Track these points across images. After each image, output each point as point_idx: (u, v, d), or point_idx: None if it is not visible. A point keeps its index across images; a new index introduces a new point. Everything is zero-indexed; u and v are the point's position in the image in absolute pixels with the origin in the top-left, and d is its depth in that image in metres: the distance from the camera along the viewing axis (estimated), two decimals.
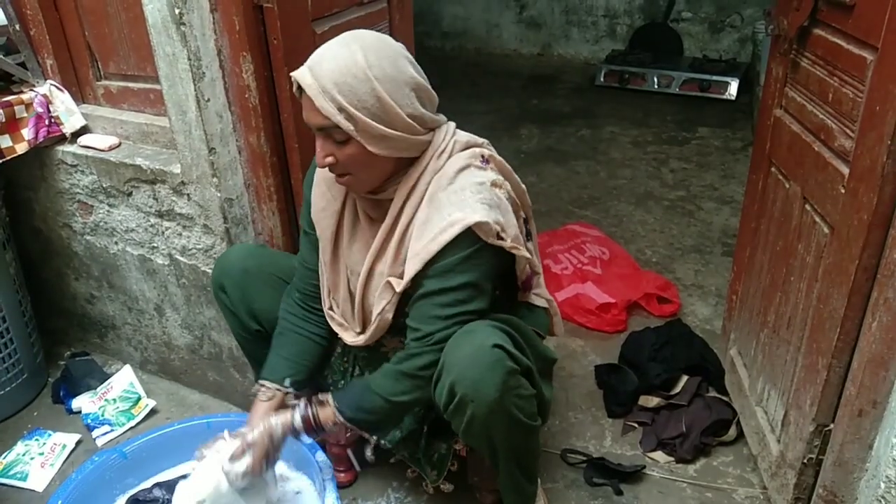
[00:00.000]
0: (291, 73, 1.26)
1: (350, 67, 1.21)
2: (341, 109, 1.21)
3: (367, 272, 1.41)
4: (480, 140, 1.40)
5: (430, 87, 1.30)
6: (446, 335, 1.27)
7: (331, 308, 1.53)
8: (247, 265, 1.57)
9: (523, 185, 1.44)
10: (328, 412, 1.34)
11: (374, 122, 1.22)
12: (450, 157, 1.33)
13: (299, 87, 1.26)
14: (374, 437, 1.38)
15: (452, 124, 1.38)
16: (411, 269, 1.29)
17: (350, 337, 1.50)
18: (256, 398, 1.48)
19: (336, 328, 1.52)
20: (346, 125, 1.22)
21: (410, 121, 1.26)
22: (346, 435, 1.36)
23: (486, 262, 1.29)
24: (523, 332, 1.39)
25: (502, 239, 1.28)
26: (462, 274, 1.27)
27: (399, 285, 1.33)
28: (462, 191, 1.28)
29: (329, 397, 1.36)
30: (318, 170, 1.47)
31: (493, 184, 1.31)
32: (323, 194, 1.45)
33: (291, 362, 1.51)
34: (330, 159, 1.28)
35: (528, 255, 1.37)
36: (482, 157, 1.35)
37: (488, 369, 1.23)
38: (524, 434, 1.36)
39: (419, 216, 1.31)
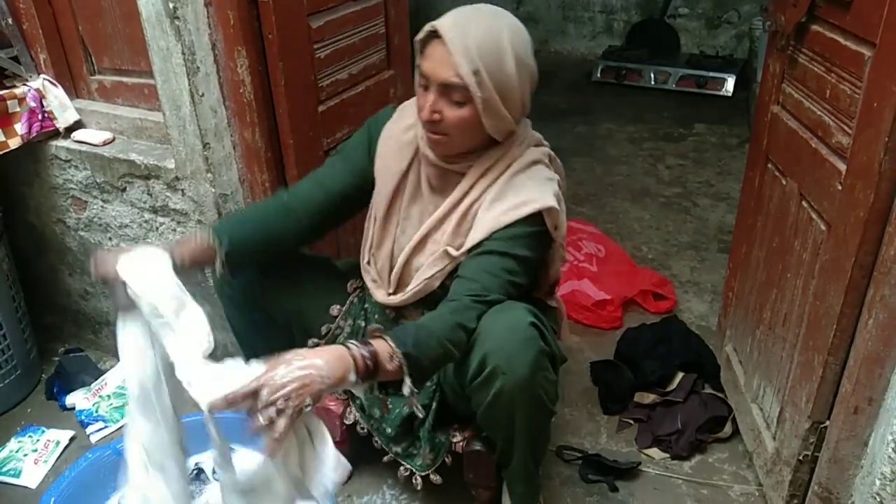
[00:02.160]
0: (432, 22, 1.26)
1: (497, 37, 1.25)
2: (476, 73, 1.23)
3: (421, 238, 1.43)
4: (545, 142, 1.47)
5: (537, 75, 1.36)
6: (498, 299, 1.28)
7: (368, 262, 1.55)
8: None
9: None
10: (384, 345, 1.15)
11: (496, 96, 1.26)
12: (528, 148, 1.40)
13: (427, 38, 1.28)
14: (413, 390, 1.18)
15: (528, 120, 1.44)
16: (477, 236, 1.33)
17: (381, 295, 1.52)
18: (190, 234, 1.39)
19: (369, 283, 1.55)
20: (475, 89, 1.24)
21: (520, 105, 1.33)
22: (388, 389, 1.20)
23: (541, 247, 1.36)
24: (545, 323, 1.40)
25: (557, 231, 1.35)
26: (525, 248, 1.32)
27: (459, 252, 1.36)
28: (537, 179, 1.36)
29: (381, 334, 1.19)
30: (388, 125, 1.48)
31: (558, 184, 1.38)
32: (391, 150, 1.46)
33: (238, 227, 1.44)
34: (437, 116, 1.29)
35: (569, 256, 1.41)
36: (549, 156, 1.43)
37: (524, 345, 1.25)
38: (544, 418, 1.37)
39: (491, 192, 1.35)
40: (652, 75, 4.47)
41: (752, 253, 1.79)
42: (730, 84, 4.28)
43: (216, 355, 2.00)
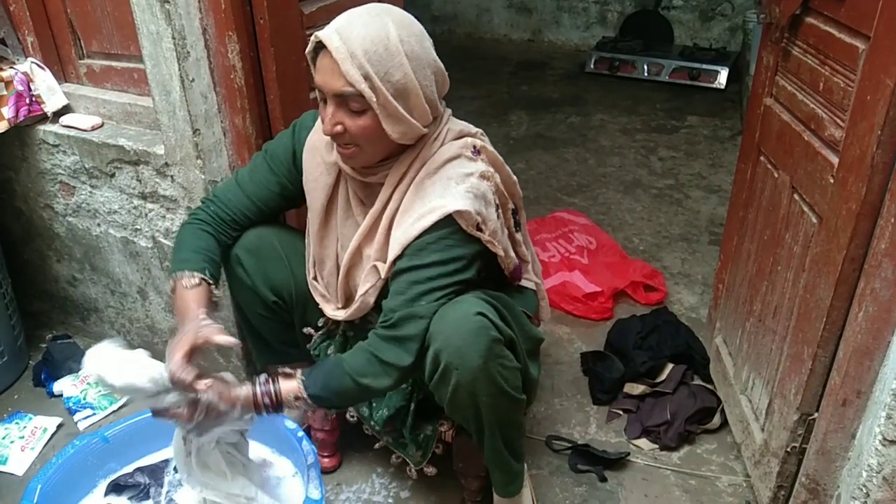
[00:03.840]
0: (316, 33, 1.21)
1: (382, 38, 1.19)
2: (367, 78, 1.19)
3: (353, 252, 1.41)
4: (474, 129, 1.39)
5: (446, 73, 1.30)
6: (409, 314, 1.25)
7: (315, 278, 1.53)
8: (260, 232, 1.54)
9: (514, 177, 1.43)
10: (292, 385, 1.29)
11: (394, 100, 1.21)
12: (442, 145, 1.32)
13: (316, 49, 1.23)
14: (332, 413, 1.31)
15: (448, 111, 1.37)
16: (391, 254, 1.30)
17: (331, 310, 1.51)
18: (177, 290, 1.38)
19: (318, 298, 1.53)
20: (370, 95, 1.19)
21: (426, 105, 1.26)
22: (309, 414, 1.30)
23: (462, 245, 1.27)
24: (510, 307, 1.39)
25: (481, 231, 1.28)
26: (434, 253, 1.26)
27: (384, 270, 1.33)
28: (448, 180, 1.28)
29: (297, 371, 1.31)
30: (311, 137, 1.44)
31: (482, 175, 1.31)
32: (317, 164, 1.43)
33: (204, 255, 1.44)
34: (339, 128, 1.25)
35: (501, 252, 1.35)
36: (473, 147, 1.34)
37: (472, 336, 1.23)
38: (509, 406, 1.34)
39: (404, 203, 1.31)
40: (645, 67, 4.46)
41: (743, 245, 1.79)
42: (723, 76, 4.28)
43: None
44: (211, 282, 1.42)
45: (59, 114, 1.93)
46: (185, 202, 1.77)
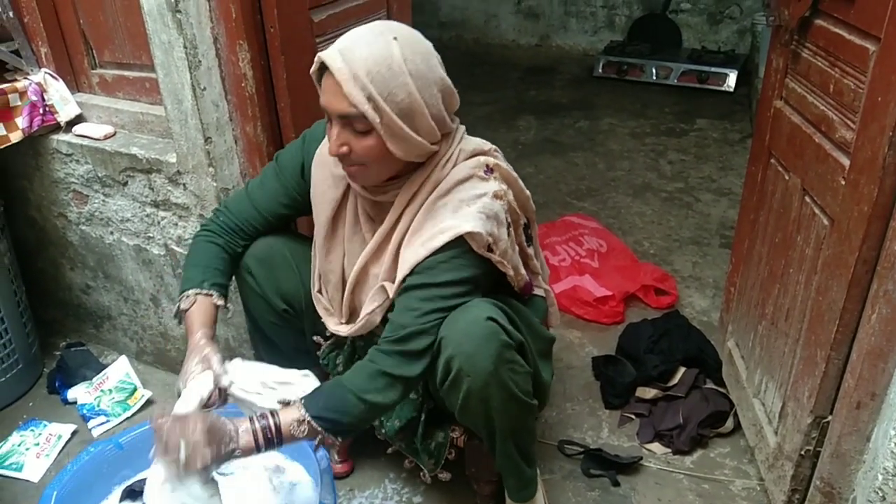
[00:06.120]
0: (319, 54, 1.21)
1: (385, 58, 1.18)
2: (370, 99, 1.18)
3: (360, 270, 1.41)
4: (487, 147, 1.38)
5: (454, 89, 1.29)
6: (419, 330, 1.25)
7: (319, 291, 1.53)
8: (270, 241, 1.54)
9: (527, 191, 1.43)
10: (293, 413, 1.23)
11: (399, 120, 1.20)
12: (454, 166, 1.32)
13: (321, 70, 1.23)
14: (339, 440, 1.27)
15: (462, 129, 1.37)
16: (401, 273, 1.30)
17: (333, 324, 1.51)
18: (184, 314, 1.42)
19: (321, 311, 1.53)
20: (373, 116, 1.19)
21: (433, 123, 1.25)
22: (316, 442, 1.25)
23: (473, 265, 1.28)
24: (518, 311, 1.39)
25: (492, 251, 1.28)
26: (447, 272, 1.26)
27: (392, 290, 1.34)
28: (460, 202, 1.28)
29: (296, 399, 1.27)
30: (321, 150, 1.44)
31: (495, 195, 1.30)
32: (325, 178, 1.43)
33: (202, 267, 1.46)
34: (345, 149, 1.25)
35: (511, 272, 1.35)
36: (486, 166, 1.33)
37: (483, 341, 1.23)
38: (521, 411, 1.35)
39: (414, 224, 1.31)
40: (654, 70, 4.46)
41: (754, 248, 1.79)
42: (732, 79, 4.28)
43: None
44: (211, 293, 1.43)
45: (71, 123, 1.95)
46: (198, 210, 1.79)
